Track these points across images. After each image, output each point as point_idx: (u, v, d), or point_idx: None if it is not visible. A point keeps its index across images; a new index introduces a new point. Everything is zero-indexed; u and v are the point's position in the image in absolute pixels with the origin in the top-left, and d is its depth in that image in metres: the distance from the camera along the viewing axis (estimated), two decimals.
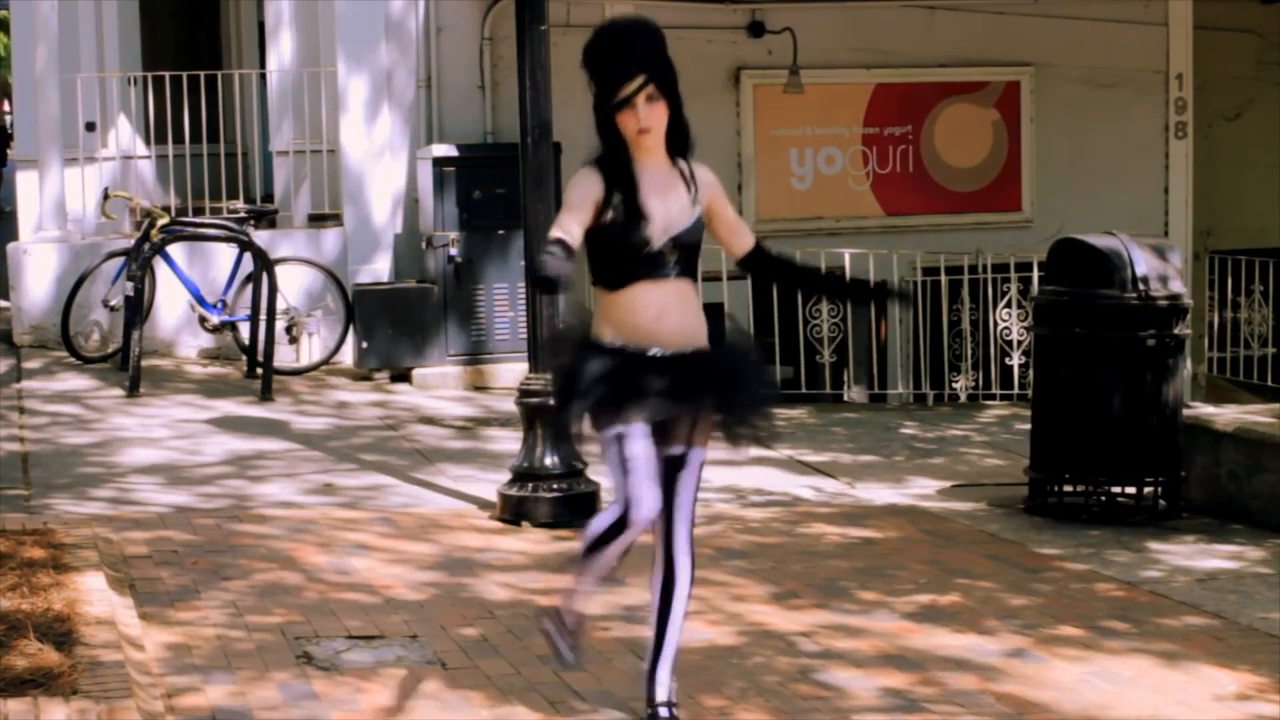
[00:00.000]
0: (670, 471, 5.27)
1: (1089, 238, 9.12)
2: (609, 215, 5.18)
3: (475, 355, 12.83)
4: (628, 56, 5.16)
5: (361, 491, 9.18)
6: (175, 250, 12.60)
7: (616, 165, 5.21)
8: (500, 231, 12.68)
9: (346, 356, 13.08)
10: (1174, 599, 7.35)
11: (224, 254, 12.83)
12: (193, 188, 13.98)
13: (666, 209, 5.19)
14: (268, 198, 14.76)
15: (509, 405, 10.10)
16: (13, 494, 8.81)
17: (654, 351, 5.13)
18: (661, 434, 5.18)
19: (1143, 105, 15.43)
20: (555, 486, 8.50)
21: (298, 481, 9.39)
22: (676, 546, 5.38)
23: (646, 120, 5.15)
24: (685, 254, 5.23)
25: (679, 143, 5.27)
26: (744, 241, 5.43)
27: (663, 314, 5.18)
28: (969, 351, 14.26)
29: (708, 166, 5.40)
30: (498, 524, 8.48)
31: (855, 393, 14.28)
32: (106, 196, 13.11)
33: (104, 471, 9.49)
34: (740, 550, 8.09)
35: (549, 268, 5.01)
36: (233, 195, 14.02)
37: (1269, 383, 14.26)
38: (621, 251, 5.20)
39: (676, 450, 5.25)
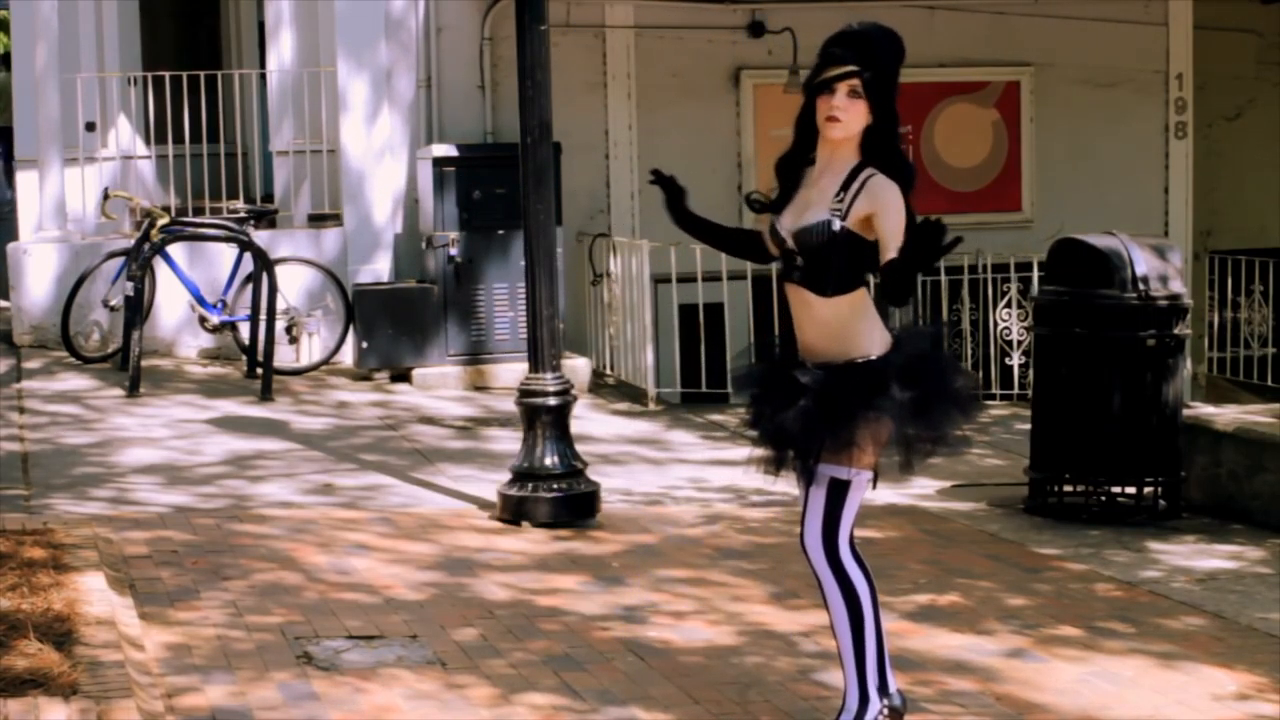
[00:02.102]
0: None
1: (1089, 238, 9.12)
2: (767, 200, 5.19)
3: (475, 355, 12.83)
4: (845, 44, 5.05)
5: (361, 491, 9.18)
6: (175, 250, 12.60)
7: (793, 159, 5.14)
8: (500, 231, 12.68)
9: (346, 356, 13.07)
10: (1174, 599, 7.35)
11: (224, 254, 12.83)
12: (193, 188, 13.97)
13: (805, 206, 5.07)
14: (268, 198, 14.75)
15: (509, 405, 10.10)
16: (13, 494, 8.80)
17: (808, 370, 5.08)
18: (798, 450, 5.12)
19: (1143, 105, 15.42)
20: (555, 486, 8.50)
21: (297, 481, 9.39)
22: (814, 566, 5.23)
23: (839, 110, 4.99)
24: (810, 259, 5.04)
25: (880, 147, 5.05)
26: (885, 258, 4.92)
27: (803, 322, 5.12)
28: (969, 351, 14.25)
29: (892, 183, 4.99)
30: (498, 524, 8.48)
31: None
32: (106, 196, 13.11)
33: (104, 471, 9.49)
34: (740, 550, 8.09)
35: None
36: (233, 195, 14.01)
37: (1269, 383, 14.25)
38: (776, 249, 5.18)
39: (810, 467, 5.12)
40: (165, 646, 6.20)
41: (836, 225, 5.00)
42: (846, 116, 5.01)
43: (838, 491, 5.13)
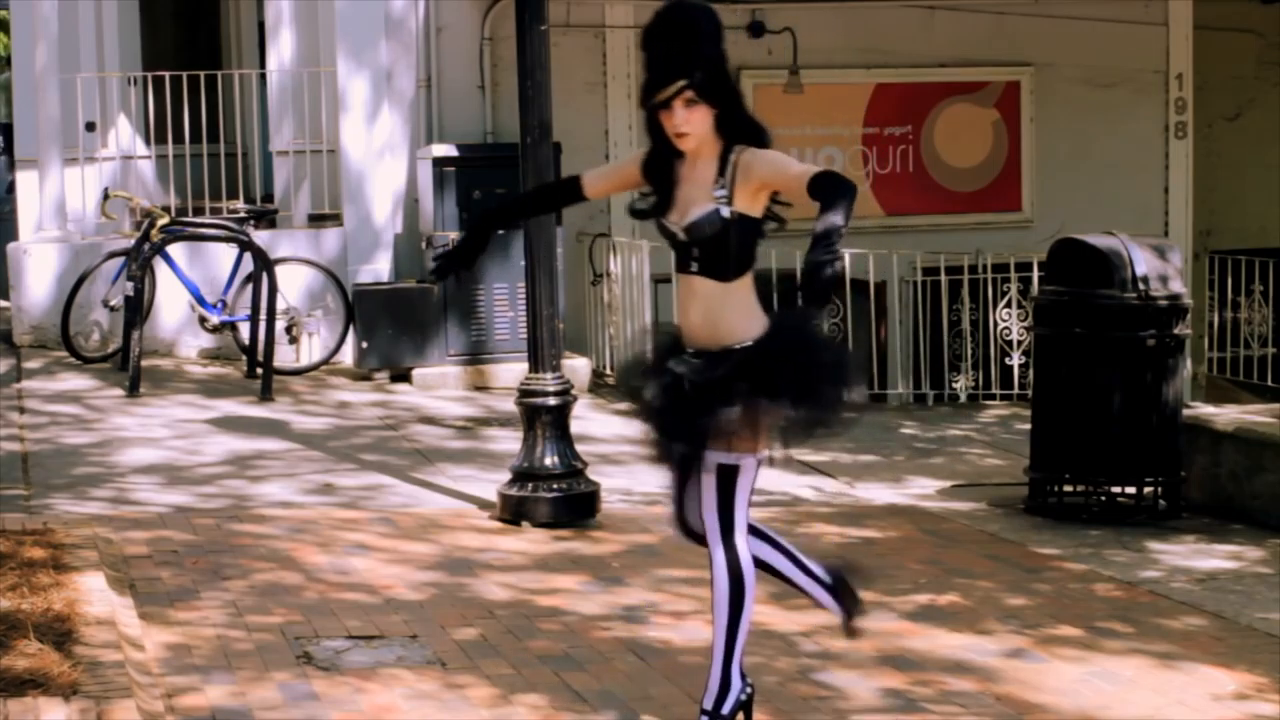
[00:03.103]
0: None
1: (1089, 238, 9.12)
2: (649, 205, 5.21)
3: (475, 355, 12.82)
4: (673, 56, 5.06)
5: (361, 491, 9.18)
6: (175, 250, 12.60)
7: (660, 158, 5.16)
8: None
9: (346, 356, 13.08)
10: (1173, 599, 7.35)
11: (224, 254, 12.83)
12: (193, 188, 13.98)
13: (689, 201, 5.11)
14: (268, 198, 14.76)
15: (509, 405, 10.10)
16: (13, 494, 8.80)
17: (683, 359, 5.11)
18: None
19: (1143, 105, 15.43)
20: (555, 486, 8.50)
21: (298, 481, 9.39)
22: (710, 548, 5.23)
23: (682, 124, 5.05)
24: (707, 250, 5.09)
25: (742, 135, 5.09)
26: (807, 177, 4.95)
27: (688, 309, 5.15)
28: (969, 351, 14.25)
29: (767, 150, 5.11)
30: (498, 524, 8.48)
31: (855, 393, 14.24)
32: (106, 196, 13.11)
33: (104, 471, 9.48)
34: None
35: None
36: (233, 195, 14.02)
37: (1269, 383, 14.25)
38: (667, 242, 5.20)
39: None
40: (165, 646, 6.20)
41: (725, 212, 5.07)
42: (691, 127, 5.07)
43: (726, 477, 5.14)
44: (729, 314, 5.09)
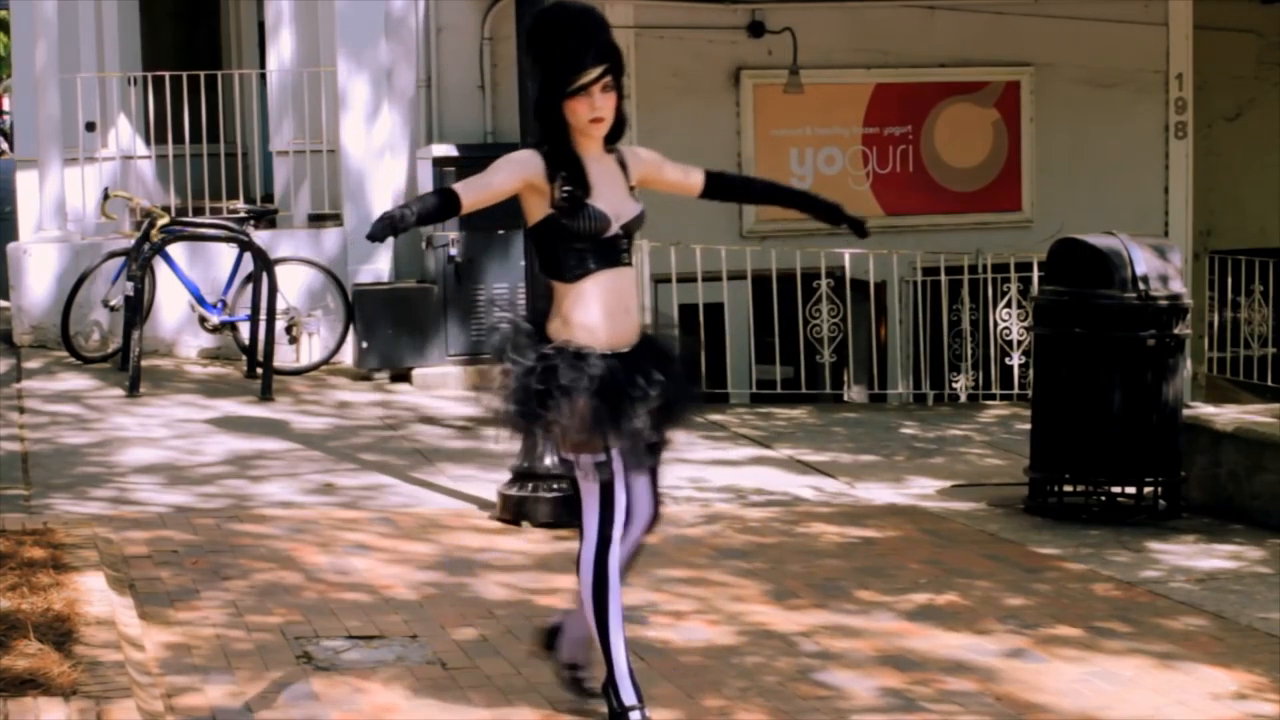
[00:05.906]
0: None
1: (1089, 238, 9.12)
2: (558, 200, 5.14)
3: (475, 355, 12.82)
4: (588, 43, 5.10)
5: (361, 491, 9.18)
6: (175, 250, 12.61)
7: (562, 151, 5.16)
8: (500, 231, 12.69)
9: (346, 356, 13.08)
10: (1173, 599, 7.35)
11: (224, 254, 12.84)
12: (193, 188, 13.98)
13: (614, 195, 5.19)
14: (268, 198, 14.76)
15: None
16: (13, 494, 8.81)
17: (618, 352, 5.15)
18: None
19: (1143, 105, 15.43)
20: (555, 486, 8.49)
21: (298, 481, 9.39)
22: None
23: (601, 110, 5.12)
24: (630, 242, 5.25)
25: (616, 132, 5.25)
26: (696, 179, 5.45)
27: (625, 304, 5.19)
28: (969, 351, 14.26)
29: (639, 148, 5.44)
30: (498, 524, 8.48)
31: (855, 393, 14.28)
32: (106, 196, 13.12)
33: (104, 471, 9.49)
34: (740, 550, 8.09)
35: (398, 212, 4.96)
36: (233, 195, 14.02)
37: (1269, 383, 14.26)
38: (578, 239, 5.15)
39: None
40: (165, 646, 6.20)
41: (641, 204, 5.29)
42: (608, 114, 5.16)
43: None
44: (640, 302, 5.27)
